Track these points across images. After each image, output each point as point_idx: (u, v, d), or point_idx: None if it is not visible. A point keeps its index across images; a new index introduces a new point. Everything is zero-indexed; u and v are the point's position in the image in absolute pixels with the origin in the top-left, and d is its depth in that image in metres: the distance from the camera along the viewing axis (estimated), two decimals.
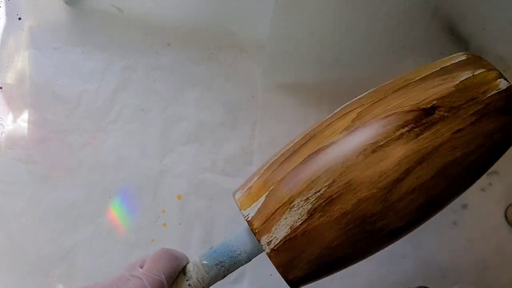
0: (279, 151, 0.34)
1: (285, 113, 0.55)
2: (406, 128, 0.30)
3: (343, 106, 0.34)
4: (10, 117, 0.52)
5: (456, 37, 0.54)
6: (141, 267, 0.31)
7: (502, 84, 0.31)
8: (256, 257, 0.34)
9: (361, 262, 0.33)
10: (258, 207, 0.31)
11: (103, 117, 0.53)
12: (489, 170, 0.54)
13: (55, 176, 0.52)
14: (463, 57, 0.33)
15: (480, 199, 0.54)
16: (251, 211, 0.31)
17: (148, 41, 0.55)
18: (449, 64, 0.32)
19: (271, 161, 0.33)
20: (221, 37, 0.55)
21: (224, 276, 0.34)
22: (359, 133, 0.30)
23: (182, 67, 0.55)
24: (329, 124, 0.32)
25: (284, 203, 0.30)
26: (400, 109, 0.30)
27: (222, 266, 0.33)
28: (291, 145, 0.33)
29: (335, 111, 0.34)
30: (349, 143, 0.30)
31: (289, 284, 0.32)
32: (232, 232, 0.34)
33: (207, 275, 0.33)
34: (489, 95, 0.30)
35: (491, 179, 0.54)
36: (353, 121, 0.31)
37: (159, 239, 0.52)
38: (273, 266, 0.32)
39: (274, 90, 0.55)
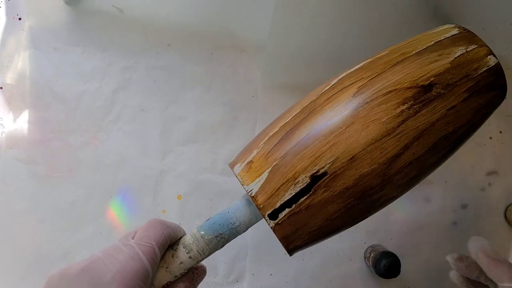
0: (276, 123, 0.34)
1: None
2: (406, 105, 0.31)
3: (340, 76, 0.34)
4: (10, 117, 0.52)
5: None
6: (133, 238, 0.32)
7: (492, 61, 0.33)
8: (256, 257, 0.34)
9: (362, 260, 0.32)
10: (262, 183, 0.31)
11: (103, 117, 0.53)
12: (489, 170, 0.54)
13: (55, 176, 0.52)
14: (455, 31, 0.34)
15: (480, 199, 0.54)
16: (254, 187, 0.32)
17: (148, 41, 0.55)
18: (443, 38, 0.34)
19: (270, 134, 0.34)
20: (221, 38, 0.55)
21: (223, 246, 0.34)
22: (361, 110, 0.31)
23: (182, 67, 0.55)
24: (329, 97, 0.33)
25: (289, 179, 0.31)
26: (399, 85, 0.31)
27: (222, 238, 0.33)
28: (290, 117, 0.33)
29: (332, 83, 0.34)
30: (351, 120, 0.31)
31: (288, 252, 0.33)
32: (229, 204, 0.34)
33: (207, 247, 0.33)
34: (480, 71, 0.33)
35: (490, 179, 0.54)
36: (353, 95, 0.32)
37: None
38: (272, 267, 0.32)
39: (274, 90, 0.55)
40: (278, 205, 0.31)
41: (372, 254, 0.50)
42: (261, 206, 0.31)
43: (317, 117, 0.32)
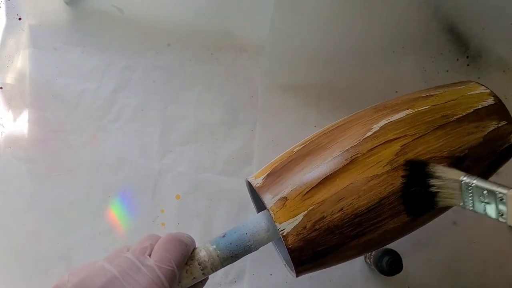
0: (311, 156, 0.34)
1: (285, 113, 0.55)
2: None
3: (381, 123, 0.35)
4: (10, 116, 0.52)
5: (456, 37, 0.54)
6: (149, 254, 0.31)
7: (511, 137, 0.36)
8: (256, 257, 0.35)
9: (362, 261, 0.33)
10: (295, 224, 0.32)
11: (103, 117, 0.53)
12: None
13: (54, 176, 0.52)
14: (491, 101, 0.36)
15: None
16: (287, 227, 0.32)
17: (148, 41, 0.55)
18: (480, 107, 0.35)
19: (306, 170, 0.34)
20: (221, 37, 0.55)
21: (234, 262, 0.35)
22: (401, 172, 0.33)
23: (182, 67, 0.55)
24: (373, 149, 0.33)
25: (323, 228, 0.32)
26: (439, 153, 0.33)
27: (236, 257, 0.34)
28: (329, 158, 0.33)
29: (374, 129, 0.34)
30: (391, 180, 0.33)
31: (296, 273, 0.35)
32: (247, 223, 0.34)
33: (221, 265, 0.33)
34: (502, 148, 0.35)
35: (491, 179, 0.54)
36: (397, 155, 0.33)
37: None
38: (272, 267, 0.33)
39: (274, 90, 0.55)
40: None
41: (373, 252, 0.50)
42: (290, 246, 0.32)
43: (359, 169, 0.33)
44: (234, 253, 0.33)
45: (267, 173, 0.35)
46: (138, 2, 0.54)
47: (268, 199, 0.33)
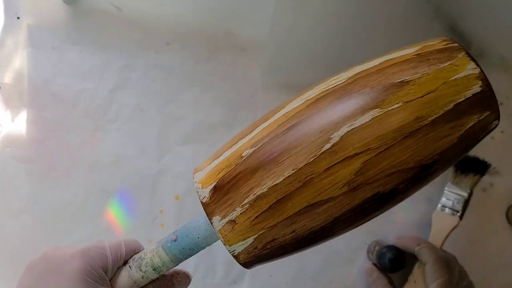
0: (260, 176, 0.31)
1: None
2: (401, 185, 0.30)
3: (341, 132, 0.30)
4: (8, 116, 0.52)
5: (458, 37, 0.54)
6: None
7: (494, 124, 0.31)
8: None
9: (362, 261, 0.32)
10: (246, 246, 0.31)
11: (101, 116, 0.53)
12: (491, 171, 0.54)
13: (53, 176, 0.51)
14: (477, 87, 0.30)
15: (482, 200, 0.53)
16: (237, 248, 0.31)
17: (147, 40, 0.54)
18: (462, 99, 0.30)
19: (256, 192, 0.31)
20: (221, 37, 0.55)
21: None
22: (359, 192, 0.30)
23: (181, 66, 0.55)
24: (329, 168, 0.30)
25: (275, 247, 0.31)
26: (404, 166, 0.30)
27: (189, 257, 0.34)
28: (280, 179, 0.30)
29: (334, 139, 0.30)
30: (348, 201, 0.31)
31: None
32: (198, 225, 0.34)
33: (173, 265, 0.34)
34: (480, 138, 0.31)
35: (492, 179, 0.54)
36: (356, 174, 0.29)
37: (156, 239, 0.51)
38: (272, 268, 0.33)
39: (274, 90, 0.54)
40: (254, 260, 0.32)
41: (376, 248, 0.50)
42: (242, 262, 0.32)
43: (313, 192, 0.30)
44: (186, 255, 0.33)
45: (213, 185, 0.32)
46: (137, 0, 0.54)
47: (216, 221, 0.32)
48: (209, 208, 0.32)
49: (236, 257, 0.32)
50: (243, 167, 0.32)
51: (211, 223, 0.32)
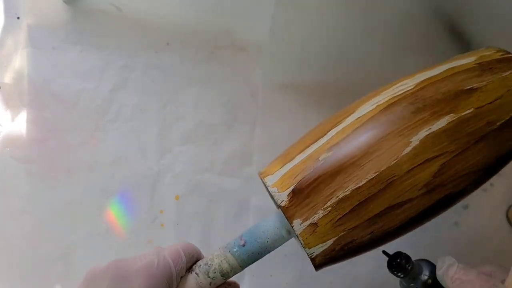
0: (342, 178, 0.32)
1: (285, 113, 0.54)
2: (469, 186, 0.33)
3: (420, 135, 0.31)
4: (8, 116, 0.52)
5: (458, 37, 0.54)
6: None
7: None
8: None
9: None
10: (324, 248, 0.32)
11: (101, 116, 0.53)
12: None
13: (53, 176, 0.51)
14: None
15: (482, 200, 0.53)
16: (316, 251, 0.32)
17: (147, 40, 0.54)
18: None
19: (339, 195, 0.31)
20: (221, 37, 0.55)
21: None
22: (435, 193, 0.32)
23: (181, 66, 0.55)
24: (411, 170, 0.31)
25: (351, 249, 0.32)
26: (475, 168, 0.32)
27: (257, 260, 0.34)
28: (363, 181, 0.31)
29: (414, 143, 0.31)
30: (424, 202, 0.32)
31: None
32: (267, 228, 0.34)
33: (241, 270, 0.34)
34: None
35: (492, 179, 0.54)
36: (434, 176, 0.31)
37: (156, 239, 0.51)
38: (272, 268, 0.33)
39: (274, 90, 0.54)
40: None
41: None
42: (316, 264, 0.32)
43: (394, 194, 0.31)
44: (254, 259, 0.33)
45: (291, 189, 0.32)
46: (137, 1, 0.54)
47: (297, 224, 0.32)
48: (289, 211, 0.32)
49: (313, 259, 0.32)
50: (323, 170, 0.32)
51: (292, 227, 0.32)
